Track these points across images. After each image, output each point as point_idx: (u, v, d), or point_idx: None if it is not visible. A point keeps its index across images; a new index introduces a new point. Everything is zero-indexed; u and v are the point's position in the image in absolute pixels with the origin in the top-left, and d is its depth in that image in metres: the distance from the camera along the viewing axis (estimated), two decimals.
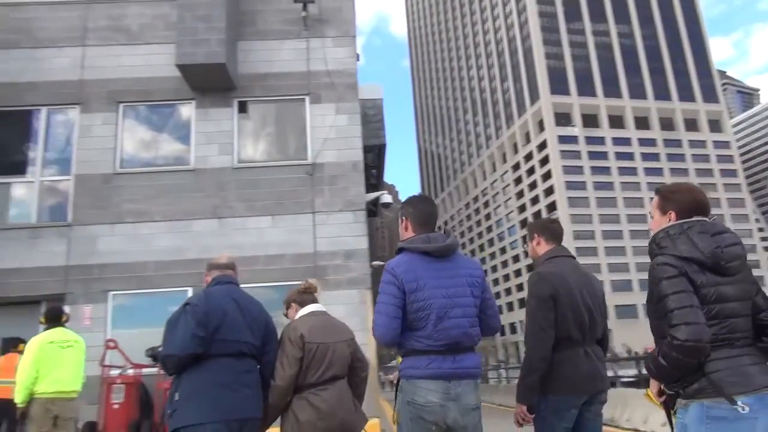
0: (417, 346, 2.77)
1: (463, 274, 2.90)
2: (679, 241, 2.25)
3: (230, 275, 3.47)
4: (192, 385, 3.02)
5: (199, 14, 9.57)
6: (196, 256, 9.39)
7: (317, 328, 3.42)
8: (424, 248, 2.87)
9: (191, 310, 3.09)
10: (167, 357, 3.05)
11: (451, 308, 2.78)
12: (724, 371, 2.11)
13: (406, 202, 3.11)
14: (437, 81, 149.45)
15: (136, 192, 9.63)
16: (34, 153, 10.05)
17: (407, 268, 2.83)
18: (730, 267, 2.20)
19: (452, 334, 2.76)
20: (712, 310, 2.16)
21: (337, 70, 10.31)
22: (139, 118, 10.22)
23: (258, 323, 3.29)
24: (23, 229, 9.48)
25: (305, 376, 3.30)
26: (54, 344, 5.66)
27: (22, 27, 10.30)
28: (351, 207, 9.72)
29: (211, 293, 3.26)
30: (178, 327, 3.05)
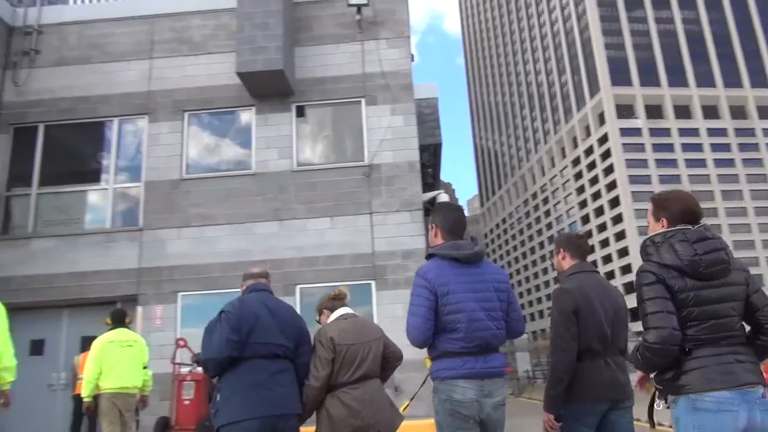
0: (451, 348, 2.94)
1: (490, 279, 3.08)
2: (662, 249, 2.45)
3: (263, 283, 3.69)
4: (230, 386, 3.26)
5: (257, 23, 9.85)
6: (259, 258, 9.68)
7: (346, 330, 3.60)
8: (453, 255, 3.05)
9: (225, 317, 3.33)
10: (206, 361, 3.32)
11: (480, 312, 2.96)
12: (700, 369, 2.31)
13: (436, 210, 3.31)
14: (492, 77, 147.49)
15: (201, 196, 10.01)
16: (107, 161, 10.62)
17: (438, 273, 3.00)
18: (709, 272, 2.37)
19: (483, 335, 2.95)
20: (692, 313, 2.35)
21: (392, 72, 10.39)
22: (202, 125, 10.63)
23: (290, 326, 3.50)
24: (98, 234, 10.04)
25: (337, 376, 3.50)
26: (114, 344, 6.13)
27: (94, 43, 10.90)
28: (408, 207, 9.77)
29: (243, 300, 3.50)
30: (215, 333, 3.31)
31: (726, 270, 2.41)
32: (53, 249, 9.93)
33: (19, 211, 10.45)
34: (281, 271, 9.59)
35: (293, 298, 9.43)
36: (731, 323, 2.38)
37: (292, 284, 9.51)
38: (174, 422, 7.91)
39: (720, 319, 2.36)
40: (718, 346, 2.34)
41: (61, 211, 10.41)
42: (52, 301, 9.61)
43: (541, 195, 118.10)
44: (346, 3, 10.40)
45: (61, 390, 9.34)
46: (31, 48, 10.87)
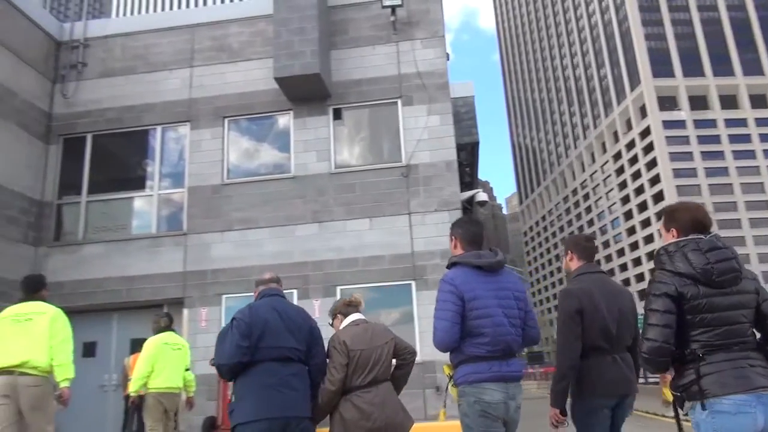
0: (478, 352, 3.07)
1: (510, 288, 3.22)
2: (676, 257, 2.55)
3: (274, 288, 3.79)
4: (244, 388, 3.41)
5: (293, 28, 9.99)
6: (299, 260, 9.82)
7: (359, 335, 3.74)
8: (476, 263, 3.18)
9: (236, 324, 3.47)
10: (219, 366, 3.47)
11: (503, 317, 3.10)
12: (716, 374, 2.39)
13: (456, 224, 3.46)
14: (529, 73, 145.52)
15: (242, 200, 10.21)
16: (151, 168, 10.94)
17: (464, 280, 3.13)
18: (722, 280, 2.46)
19: (506, 340, 3.09)
20: (705, 319, 2.45)
21: (428, 71, 10.38)
22: (242, 130, 10.83)
23: (301, 329, 3.60)
24: (145, 239, 10.34)
25: (351, 380, 3.63)
26: (167, 346, 6.53)
27: (138, 54, 11.24)
28: (446, 207, 9.75)
29: (254, 306, 3.62)
30: (226, 339, 3.45)
31: (737, 278, 2.49)
32: (103, 254, 10.29)
33: (70, 218, 10.86)
34: (321, 273, 9.70)
35: (334, 300, 9.51)
36: (743, 329, 2.47)
37: (332, 285, 9.60)
38: (220, 421, 8.09)
39: (732, 326, 2.45)
40: (730, 351, 2.43)
41: (110, 218, 10.78)
42: (102, 304, 9.95)
43: (582, 191, 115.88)
44: (381, 5, 10.44)
45: (112, 391, 9.66)
46: (78, 61, 11.29)
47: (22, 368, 4.51)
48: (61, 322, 4.81)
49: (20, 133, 10.30)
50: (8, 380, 4.48)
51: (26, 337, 4.58)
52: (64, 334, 4.77)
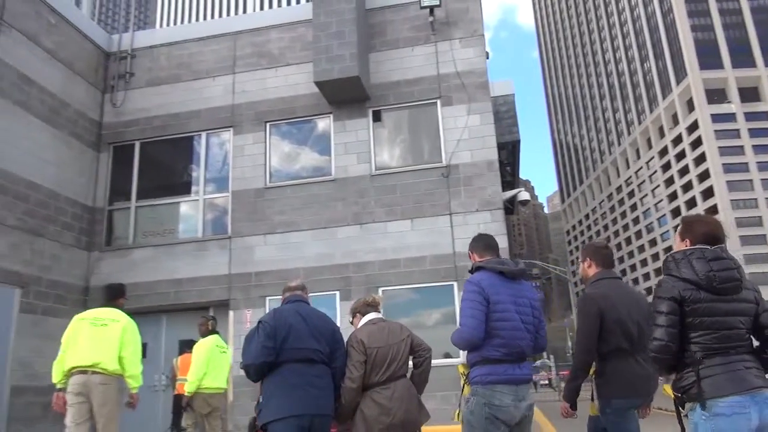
0: (493, 354, 3.21)
1: (527, 296, 3.38)
2: (681, 264, 2.73)
3: (299, 295, 4.02)
4: (271, 388, 3.62)
5: (332, 32, 10.08)
6: (341, 262, 9.90)
7: (375, 334, 3.90)
8: (500, 268, 3.36)
9: (262, 326, 3.68)
10: (246, 366, 3.66)
11: (520, 323, 3.27)
12: (713, 377, 2.56)
13: (472, 241, 3.70)
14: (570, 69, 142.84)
15: (284, 204, 10.36)
16: (196, 174, 11.21)
17: (490, 283, 3.28)
18: (723, 288, 2.62)
19: (520, 344, 3.26)
20: (704, 322, 2.61)
21: (467, 71, 10.32)
22: (283, 134, 10.99)
23: (323, 332, 3.81)
24: (192, 242, 10.60)
25: (370, 377, 3.79)
26: (218, 348, 6.84)
27: (183, 62, 11.54)
28: (488, 206, 9.66)
29: (278, 311, 3.85)
30: (252, 341, 3.67)
31: (738, 287, 2.66)
32: (152, 258, 10.59)
33: (121, 223, 11.22)
34: (363, 274, 9.75)
35: None
36: (740, 335, 2.64)
37: (374, 287, 9.64)
38: None
39: (730, 330, 2.62)
40: (727, 355, 2.60)
41: (158, 222, 11.09)
42: (152, 306, 10.25)
43: (627, 189, 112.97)
44: (419, 6, 10.44)
45: (162, 390, 9.93)
46: (126, 71, 11.67)
47: (94, 368, 4.95)
48: (131, 332, 5.25)
49: (73, 142, 10.71)
50: (82, 379, 4.92)
51: (100, 341, 5.03)
52: (134, 345, 5.24)
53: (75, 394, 4.91)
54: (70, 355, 5.03)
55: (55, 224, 10.06)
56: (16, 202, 9.28)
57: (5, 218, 9.06)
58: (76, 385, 4.92)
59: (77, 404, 4.89)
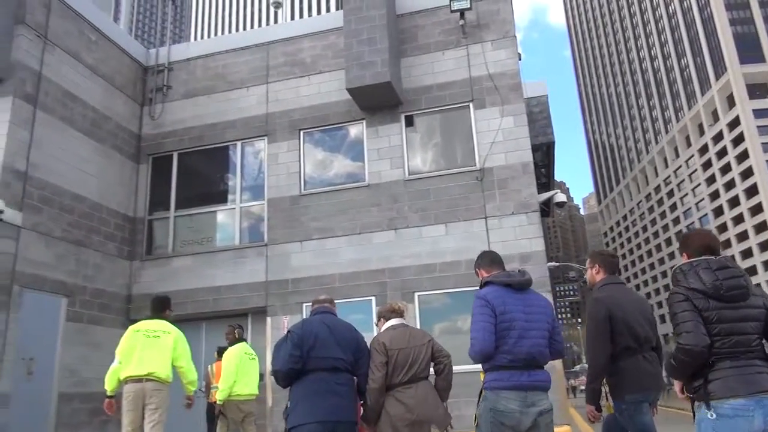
0: (501, 362, 3.34)
1: (537, 304, 3.51)
2: (689, 275, 2.87)
3: (326, 307, 4.25)
4: (297, 394, 3.83)
5: (363, 39, 10.14)
6: (376, 267, 9.91)
7: (396, 337, 4.10)
8: (506, 281, 3.52)
9: (290, 336, 3.92)
10: (275, 372, 3.92)
11: (529, 330, 3.38)
12: (721, 380, 2.67)
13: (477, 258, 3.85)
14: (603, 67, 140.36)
15: (319, 210, 10.44)
16: (232, 182, 11.40)
17: (495, 295, 3.45)
18: (730, 295, 2.75)
19: (530, 351, 3.35)
20: (714, 329, 2.72)
21: (500, 73, 10.24)
22: (317, 142, 11.09)
23: (348, 342, 4.01)
24: (229, 250, 10.77)
25: (392, 378, 3.97)
26: (247, 355, 6.99)
27: (218, 73, 11.77)
28: (524, 209, 9.55)
29: (306, 321, 4.10)
30: (281, 349, 3.91)
31: (745, 294, 2.78)
32: (191, 266, 10.80)
33: (160, 233, 11.48)
34: (399, 280, 9.74)
35: (412, 306, 9.52)
36: (750, 340, 2.74)
37: (410, 292, 9.62)
38: None
39: (740, 336, 2.73)
40: (737, 359, 2.71)
41: (196, 231, 11.30)
42: (192, 314, 10.43)
43: (665, 188, 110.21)
44: (449, 9, 10.42)
45: (203, 397, 10.07)
46: (164, 84, 11.96)
47: (148, 377, 5.38)
48: (182, 343, 5.70)
49: (113, 155, 11.02)
50: (137, 387, 5.34)
51: (154, 352, 5.45)
52: (187, 354, 5.72)
53: (131, 401, 5.32)
54: (127, 366, 5.42)
55: (98, 235, 10.35)
56: (62, 214, 9.59)
57: (52, 230, 9.37)
58: (131, 392, 5.33)
59: (133, 410, 5.31)
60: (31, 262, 8.91)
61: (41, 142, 9.36)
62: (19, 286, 8.64)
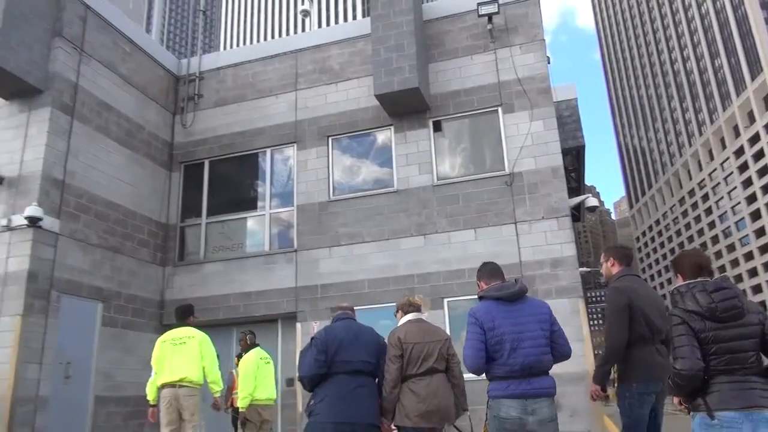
0: (498, 372, 3.54)
1: (531, 312, 3.63)
2: (686, 297, 3.06)
3: (348, 313, 4.52)
4: (320, 395, 4.09)
5: (391, 45, 10.17)
6: (405, 273, 9.90)
7: (412, 332, 4.26)
8: (496, 295, 3.68)
9: (315, 342, 4.19)
10: (301, 378, 4.21)
11: (522, 341, 3.52)
12: (716, 393, 2.87)
13: (477, 270, 4.00)
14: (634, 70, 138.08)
15: (348, 216, 10.47)
16: (262, 189, 11.52)
17: (485, 312, 3.63)
18: (725, 316, 2.93)
19: (524, 361, 3.49)
20: (711, 348, 2.92)
21: (528, 77, 10.16)
22: (345, 148, 11.14)
23: (369, 344, 4.25)
24: (259, 256, 10.88)
25: (406, 369, 4.15)
26: (263, 360, 7.11)
27: (247, 82, 11.94)
28: (554, 214, 9.44)
29: (329, 328, 4.34)
30: (306, 355, 4.17)
31: (739, 314, 2.94)
32: (222, 272, 10.94)
33: (192, 239, 11.66)
34: (428, 285, 9.70)
35: (441, 312, 9.48)
36: (746, 357, 2.90)
37: (439, 297, 9.57)
38: None
39: (735, 354, 2.90)
40: (733, 374, 2.89)
41: (227, 237, 11.45)
42: (223, 319, 10.57)
43: (700, 192, 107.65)
44: (477, 14, 10.39)
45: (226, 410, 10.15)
46: (195, 93, 12.18)
47: (181, 382, 5.83)
48: (207, 345, 6.09)
49: (147, 163, 11.25)
50: (172, 392, 5.82)
51: (183, 358, 5.90)
52: (212, 355, 6.08)
53: (167, 404, 5.82)
54: (161, 374, 5.92)
55: (132, 241, 10.57)
56: (97, 221, 9.82)
57: (88, 237, 9.60)
58: (167, 396, 5.83)
59: (170, 412, 5.82)
60: (69, 268, 9.13)
61: (78, 151, 9.61)
62: (57, 291, 8.87)
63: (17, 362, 8.06)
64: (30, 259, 8.51)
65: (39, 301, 8.54)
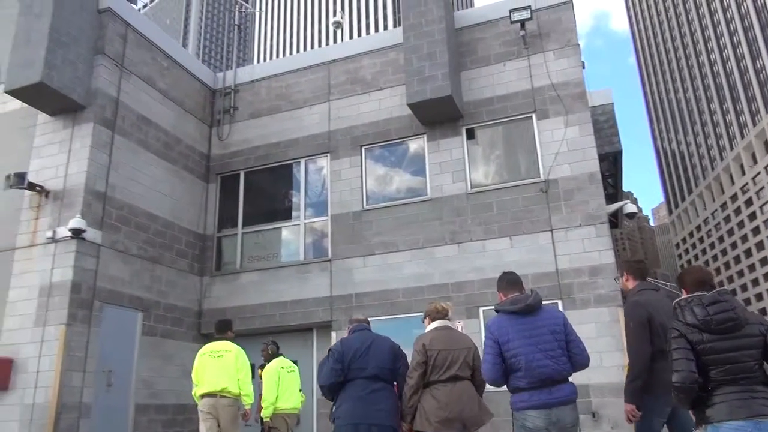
0: (520, 384, 3.66)
1: (545, 324, 3.74)
2: (685, 311, 3.21)
3: (363, 325, 4.80)
4: (341, 398, 4.41)
5: (423, 54, 10.18)
6: (440, 281, 9.85)
7: (437, 338, 4.35)
8: (510, 309, 3.81)
9: (331, 353, 4.53)
10: (321, 386, 4.54)
11: (536, 352, 3.63)
12: (721, 404, 2.98)
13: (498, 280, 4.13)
14: (671, 72, 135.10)
15: (381, 225, 10.48)
16: (297, 199, 11.64)
17: (499, 326, 3.79)
18: (720, 328, 3.06)
19: (542, 372, 3.61)
20: (709, 359, 3.05)
21: (563, 82, 10.03)
22: (378, 157, 11.18)
23: (384, 352, 4.52)
24: (294, 266, 10.97)
25: (430, 375, 4.24)
26: (284, 370, 7.25)
27: (281, 93, 12.11)
28: (592, 221, 9.27)
29: (345, 339, 4.67)
30: (324, 365, 4.49)
31: (737, 325, 3.05)
32: (258, 282, 11.06)
33: (229, 249, 11.84)
34: (463, 294, 9.63)
35: (476, 321, 9.39)
36: (747, 367, 3.00)
37: (474, 306, 9.49)
38: None
39: (735, 364, 3.01)
40: (736, 384, 2.99)
41: (262, 247, 11.59)
42: (259, 329, 10.67)
43: (743, 197, 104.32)
44: (509, 21, 10.33)
45: None
46: (231, 105, 12.41)
47: (221, 393, 6.14)
48: (242, 359, 6.39)
49: (185, 175, 11.49)
50: (212, 402, 6.13)
51: (221, 370, 6.21)
52: (246, 369, 6.39)
53: (206, 413, 6.12)
54: (201, 385, 6.25)
55: (170, 252, 10.79)
56: (137, 232, 10.06)
57: (129, 248, 9.84)
58: (206, 405, 6.14)
59: (209, 419, 6.11)
60: (110, 279, 9.37)
61: (119, 164, 9.88)
62: (100, 301, 9.10)
63: (62, 370, 8.29)
64: (74, 270, 8.76)
65: (82, 311, 8.77)
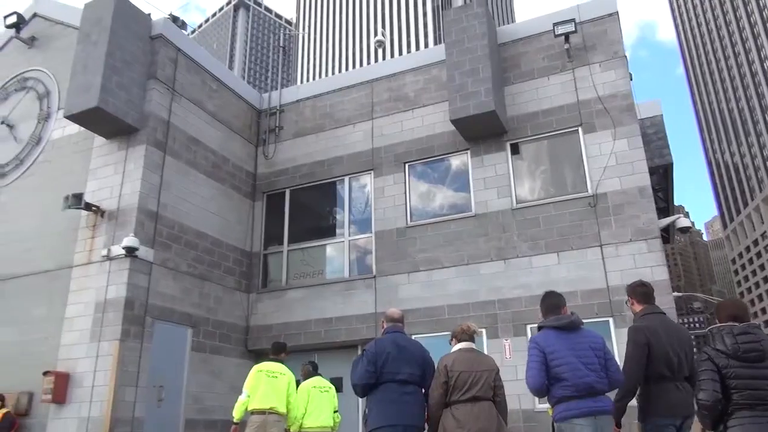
0: (565, 393, 3.79)
1: (586, 341, 3.95)
2: (716, 338, 3.62)
3: (398, 327, 4.85)
4: (373, 403, 4.54)
5: (466, 70, 10.18)
6: (485, 298, 9.71)
7: (460, 360, 4.43)
8: (554, 324, 4.03)
9: (365, 354, 4.62)
10: (353, 386, 4.62)
11: (580, 364, 3.82)
12: (737, 427, 3.35)
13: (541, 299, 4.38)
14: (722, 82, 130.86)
15: (426, 242, 10.44)
16: (341, 216, 11.73)
17: (545, 338, 3.98)
18: (747, 356, 3.48)
19: (586, 381, 3.78)
20: (732, 383, 3.45)
21: (610, 95, 9.85)
22: (422, 174, 11.18)
23: (416, 358, 4.64)
24: (339, 282, 11.02)
25: (451, 395, 4.32)
26: (316, 389, 7.39)
27: (325, 113, 12.29)
28: (643, 236, 9.00)
29: (379, 341, 4.74)
30: (358, 366, 4.59)
31: (761, 356, 3.47)
32: (303, 298, 11.16)
33: (275, 266, 12.00)
34: (509, 311, 9.47)
35: (524, 339, 9.20)
36: (765, 395, 3.40)
37: (521, 324, 9.31)
38: None
39: (755, 390, 3.41)
40: (754, 410, 3.39)
41: (307, 264, 11.70)
42: (305, 345, 10.73)
43: None
44: (553, 34, 10.23)
45: None
46: (276, 125, 12.67)
47: (271, 410, 6.52)
48: (293, 384, 6.85)
49: (232, 194, 11.74)
50: (261, 418, 6.47)
51: (274, 390, 6.63)
52: (295, 393, 6.87)
53: (256, 428, 6.43)
54: (253, 399, 6.54)
55: (218, 269, 11.01)
56: (187, 250, 10.32)
57: (179, 265, 10.09)
58: (257, 421, 6.46)
59: None
60: (161, 295, 9.61)
61: (170, 184, 10.19)
62: (151, 317, 9.34)
63: (115, 385, 8.52)
64: (127, 287, 9.04)
65: (135, 327, 9.02)
